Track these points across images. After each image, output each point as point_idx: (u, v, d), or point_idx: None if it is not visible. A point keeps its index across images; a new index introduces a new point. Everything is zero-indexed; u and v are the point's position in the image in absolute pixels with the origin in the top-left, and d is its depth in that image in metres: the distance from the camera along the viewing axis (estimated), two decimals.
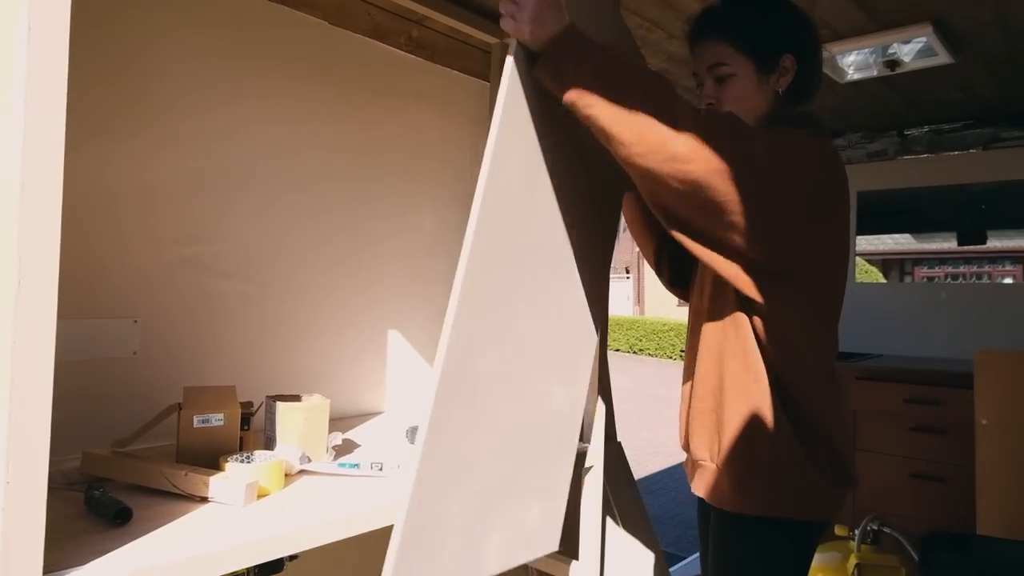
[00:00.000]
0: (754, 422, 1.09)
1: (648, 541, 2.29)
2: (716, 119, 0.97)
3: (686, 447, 1.25)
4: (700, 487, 1.19)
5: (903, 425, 2.57)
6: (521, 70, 0.96)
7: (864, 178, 3.20)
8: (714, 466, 1.15)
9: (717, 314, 1.15)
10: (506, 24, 0.95)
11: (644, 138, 0.90)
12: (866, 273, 4.63)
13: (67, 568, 0.72)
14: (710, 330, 1.17)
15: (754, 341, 1.09)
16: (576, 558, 1.44)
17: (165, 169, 1.32)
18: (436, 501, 0.92)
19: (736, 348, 1.11)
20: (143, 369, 1.29)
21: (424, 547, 0.91)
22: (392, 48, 1.71)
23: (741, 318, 1.10)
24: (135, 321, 1.28)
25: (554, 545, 1.19)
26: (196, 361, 1.37)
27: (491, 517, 1.03)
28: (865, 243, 3.54)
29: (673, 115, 0.91)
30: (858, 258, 4.03)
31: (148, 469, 0.99)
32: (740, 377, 1.10)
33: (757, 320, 1.09)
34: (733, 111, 1.15)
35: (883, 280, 4.74)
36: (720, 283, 1.13)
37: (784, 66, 1.16)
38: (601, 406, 1.43)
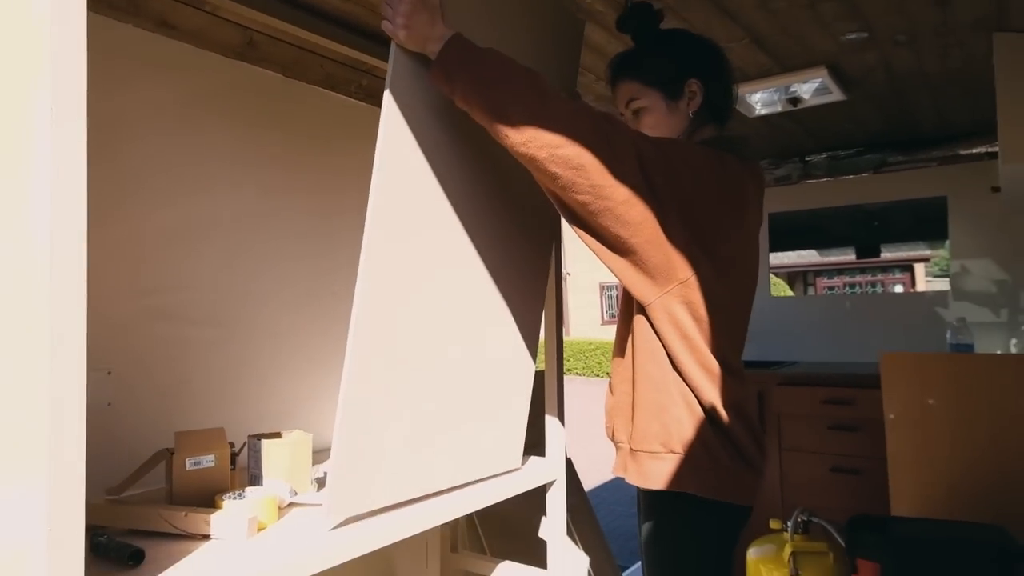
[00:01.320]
0: (659, 408, 1.21)
1: (604, 555, 2.41)
2: (588, 110, 1.07)
3: (611, 436, 1.35)
4: (619, 467, 1.30)
5: (822, 424, 2.81)
6: (401, 69, 1.08)
7: (772, 201, 3.49)
8: (628, 447, 1.27)
9: (627, 309, 1.28)
10: (384, 26, 1.08)
11: (522, 128, 1.01)
12: (775, 286, 5.00)
13: None
14: (623, 325, 1.30)
15: (654, 334, 1.21)
16: (545, 567, 1.54)
17: (132, 222, 1.35)
18: (366, 432, 1.05)
19: (642, 340, 1.23)
20: (119, 419, 1.31)
21: (359, 471, 1.05)
22: (343, 96, 1.80)
23: (643, 313, 1.22)
24: (108, 372, 1.30)
25: (516, 463, 1.41)
26: (171, 407, 1.40)
27: (434, 442, 1.18)
28: (772, 259, 3.84)
29: (546, 105, 1.02)
30: (770, 273, 4.32)
31: (147, 513, 1.03)
32: (647, 368, 1.22)
33: (649, 315, 1.20)
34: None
35: (789, 291, 5.12)
36: None
37: (691, 90, 1.28)
38: (557, 423, 1.54)
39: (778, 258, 3.92)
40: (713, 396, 1.18)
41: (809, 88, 2.36)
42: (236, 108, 1.54)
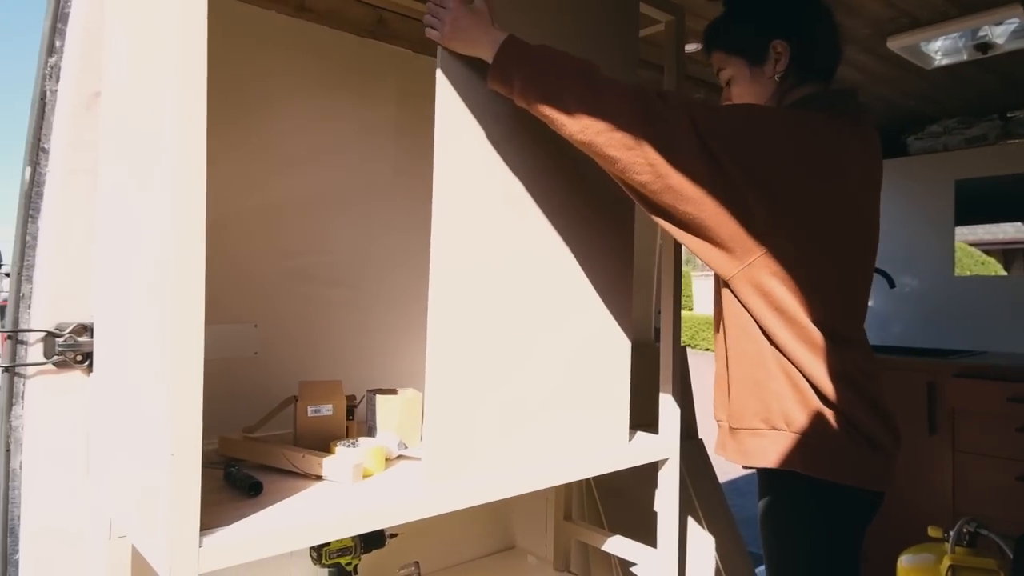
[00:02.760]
0: (756, 383, 1.14)
1: (732, 539, 2.32)
2: (639, 91, 1.03)
3: (714, 415, 1.30)
4: (719, 445, 1.25)
5: (1007, 425, 2.45)
6: (450, 72, 1.08)
7: (965, 165, 3.06)
8: (728, 425, 1.21)
9: (717, 284, 1.22)
10: (430, 34, 1.08)
11: (577, 116, 1.02)
12: (982, 265, 4.38)
13: (215, 528, 0.88)
14: (716, 300, 1.24)
15: (743, 308, 1.13)
16: (655, 547, 1.52)
17: (276, 192, 1.50)
18: (456, 396, 1.09)
19: (731, 316, 1.17)
20: (262, 366, 1.48)
21: (453, 434, 1.09)
22: None
23: (729, 287, 1.15)
24: (255, 325, 1.47)
25: (621, 438, 1.38)
26: (306, 359, 1.54)
27: (528, 412, 1.20)
28: (983, 232, 3.37)
29: (598, 91, 1.02)
30: (973, 248, 3.85)
31: (273, 451, 1.15)
32: (740, 343, 1.16)
33: (734, 290, 1.13)
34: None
35: (1002, 270, 4.47)
36: None
37: (776, 52, 1.19)
38: (671, 400, 1.49)
39: (991, 232, 3.43)
40: (818, 369, 1.09)
41: (1004, 31, 2.02)
42: (368, 84, 1.64)
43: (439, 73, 1.08)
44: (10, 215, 1.29)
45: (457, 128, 1.09)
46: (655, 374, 1.54)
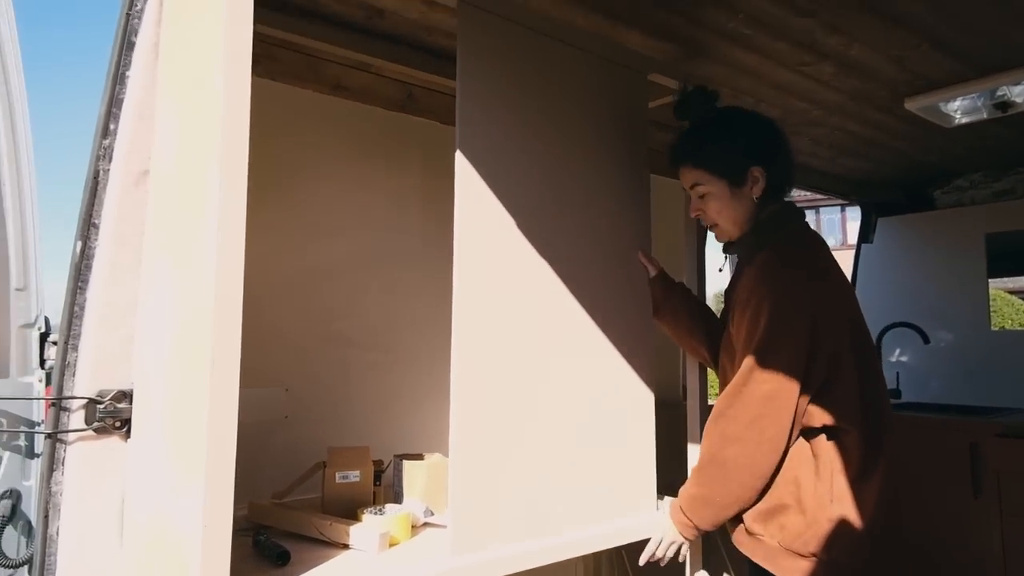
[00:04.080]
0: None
1: None
2: (758, 444, 1.17)
3: None
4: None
5: None
6: (468, 148, 1.15)
7: (992, 219, 3.03)
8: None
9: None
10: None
11: (745, 499, 1.21)
12: (1022, 312, 4.27)
13: None
14: None
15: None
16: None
17: (310, 257, 1.56)
18: (479, 464, 1.10)
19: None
20: (293, 430, 1.50)
21: (477, 504, 1.09)
22: None
23: None
24: (286, 389, 1.50)
25: (649, 504, 1.35)
26: (335, 422, 1.57)
27: (552, 479, 1.20)
28: (1015, 283, 3.30)
29: (743, 481, 1.20)
30: (1013, 296, 3.75)
31: (301, 519, 1.17)
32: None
33: None
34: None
35: None
36: None
37: (754, 176, 1.29)
38: None
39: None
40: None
41: (1022, 91, 2.04)
42: (398, 155, 1.71)
43: (458, 153, 1.13)
44: (57, 280, 1.36)
45: (475, 201, 1.14)
46: (684, 435, 1.53)
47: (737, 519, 1.24)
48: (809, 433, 1.19)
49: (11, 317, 1.26)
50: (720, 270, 1.51)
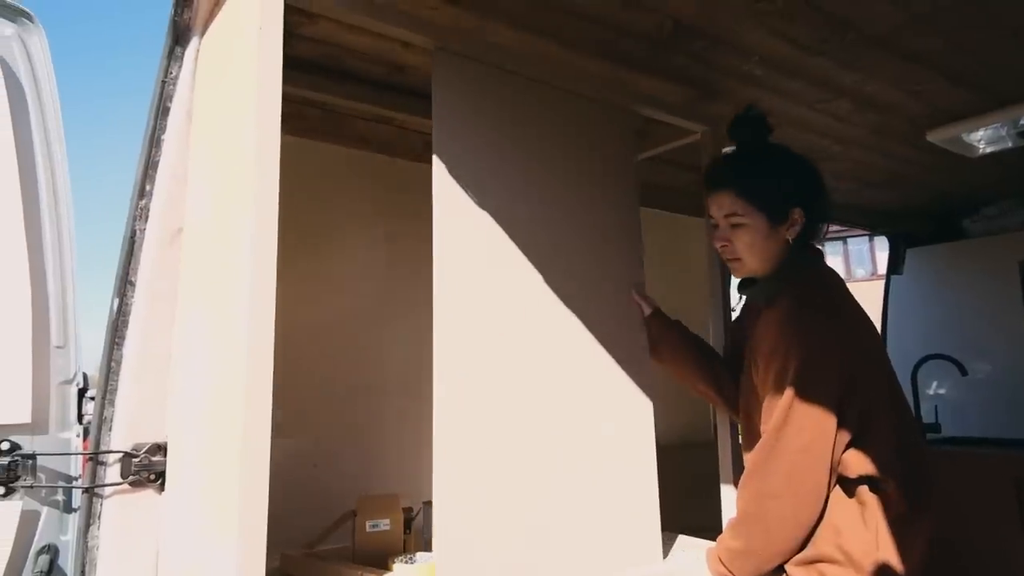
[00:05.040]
0: None
1: None
2: (796, 499, 1.14)
3: None
4: None
5: None
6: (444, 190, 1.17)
7: None
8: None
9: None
10: None
11: (785, 552, 1.17)
12: None
13: None
14: None
15: None
16: None
17: (338, 306, 1.59)
18: (467, 519, 1.07)
19: None
20: (323, 479, 1.51)
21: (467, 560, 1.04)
22: None
23: None
24: (316, 440, 1.52)
25: (654, 555, 1.30)
26: (365, 470, 1.57)
27: (549, 530, 1.16)
28: None
29: (785, 538, 1.16)
30: None
31: (331, 570, 1.17)
32: None
33: None
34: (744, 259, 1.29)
35: None
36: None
37: (794, 218, 1.26)
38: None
39: None
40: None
41: None
42: (420, 205, 1.75)
43: (435, 193, 1.16)
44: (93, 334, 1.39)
45: (455, 242, 1.16)
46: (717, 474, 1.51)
47: (779, 568, 1.21)
48: (848, 482, 1.15)
49: (51, 374, 1.29)
50: (733, 309, 1.48)
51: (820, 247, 1.35)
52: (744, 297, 1.37)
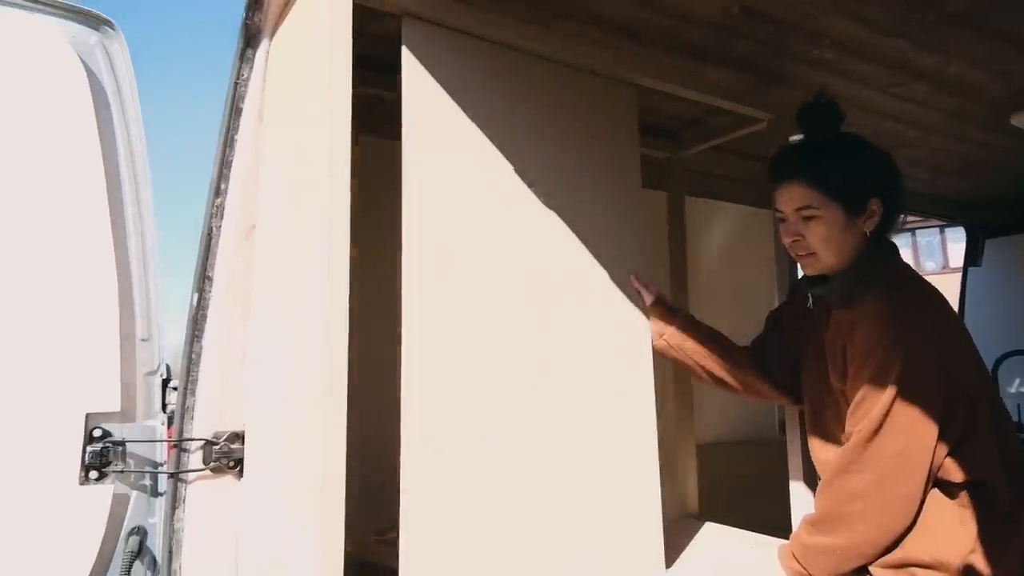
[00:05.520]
0: None
1: None
2: (884, 500, 1.10)
3: None
4: None
5: None
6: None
7: None
8: None
9: None
10: None
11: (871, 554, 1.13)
12: None
13: None
14: None
15: None
16: None
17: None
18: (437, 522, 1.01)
19: None
20: (393, 465, 1.54)
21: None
22: None
23: None
24: (391, 426, 1.55)
25: (656, 562, 1.22)
26: None
27: (531, 536, 1.07)
28: None
29: (875, 541, 1.11)
30: None
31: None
32: None
33: None
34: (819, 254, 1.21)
35: None
36: None
37: (872, 209, 1.19)
38: (802, 498, 1.41)
39: None
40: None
41: None
42: None
43: (405, 176, 1.08)
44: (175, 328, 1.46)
45: (426, 226, 1.09)
46: (784, 471, 1.47)
47: (862, 569, 1.16)
48: (950, 485, 1.10)
49: (137, 365, 1.36)
50: (809, 307, 1.34)
51: (892, 242, 1.29)
52: (810, 296, 1.29)
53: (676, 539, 1.50)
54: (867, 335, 1.13)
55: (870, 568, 1.14)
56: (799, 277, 1.36)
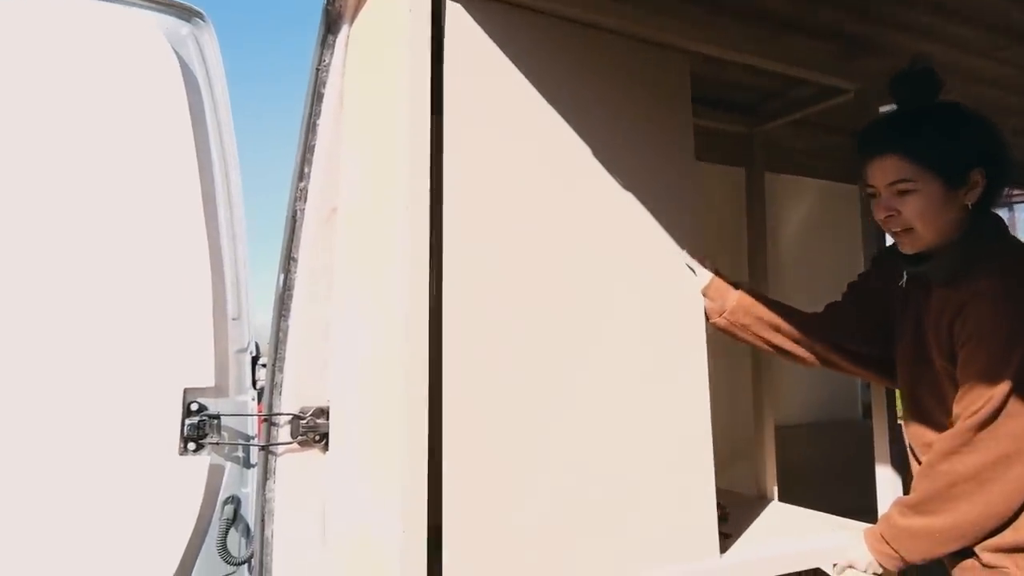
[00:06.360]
0: None
1: None
2: (993, 477, 1.05)
3: None
4: None
5: None
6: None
7: None
8: None
9: None
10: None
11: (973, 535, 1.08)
12: None
13: None
14: None
15: None
16: None
17: None
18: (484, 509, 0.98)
19: None
20: None
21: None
22: None
23: None
24: None
25: (711, 548, 1.17)
26: None
27: (582, 523, 1.06)
28: None
29: (977, 520, 1.07)
30: None
31: None
32: None
33: None
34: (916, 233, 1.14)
35: None
36: None
37: (974, 180, 1.11)
38: (890, 484, 1.36)
39: None
40: None
41: None
42: None
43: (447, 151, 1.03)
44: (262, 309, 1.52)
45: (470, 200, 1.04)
46: (868, 455, 1.42)
47: (966, 552, 1.12)
48: None
49: (229, 343, 1.43)
50: (901, 285, 1.27)
51: (1000, 216, 1.21)
52: (904, 274, 1.23)
53: (752, 522, 1.48)
54: (982, 316, 1.07)
55: (977, 551, 1.09)
56: (884, 249, 1.30)
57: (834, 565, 1.23)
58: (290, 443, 1.34)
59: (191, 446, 1.34)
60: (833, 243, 2.50)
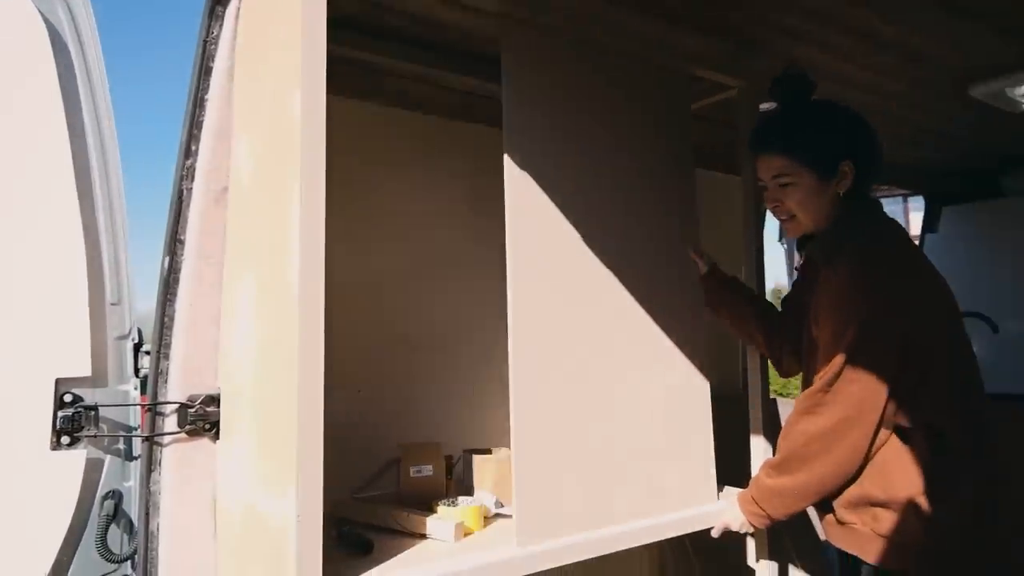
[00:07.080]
0: None
1: None
2: (843, 448, 1.18)
3: None
4: None
5: None
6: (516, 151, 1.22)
7: None
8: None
9: None
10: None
11: (819, 494, 1.23)
12: None
13: None
14: None
15: None
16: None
17: (377, 263, 1.62)
18: (541, 461, 1.16)
19: None
20: (365, 430, 1.57)
21: (541, 499, 1.15)
22: None
23: None
24: (359, 391, 1.57)
25: (709, 495, 1.39)
26: (405, 423, 1.63)
27: (613, 472, 1.26)
28: None
29: (823, 479, 1.20)
30: None
31: (380, 512, 1.22)
32: None
33: None
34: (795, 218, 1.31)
35: None
36: None
37: (843, 171, 1.26)
38: (763, 455, 1.47)
39: None
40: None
41: None
42: (457, 161, 1.77)
43: (506, 158, 1.20)
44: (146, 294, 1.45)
45: (526, 200, 1.21)
46: (746, 428, 1.53)
47: (827, 508, 1.25)
48: (902, 429, 1.18)
49: (107, 330, 1.35)
50: (796, 268, 1.47)
51: (876, 201, 1.35)
52: (800, 255, 1.40)
53: None
54: (831, 293, 1.21)
55: (835, 506, 1.21)
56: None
57: (711, 529, 1.32)
58: (177, 433, 1.28)
59: (65, 439, 1.25)
60: (719, 230, 2.65)
